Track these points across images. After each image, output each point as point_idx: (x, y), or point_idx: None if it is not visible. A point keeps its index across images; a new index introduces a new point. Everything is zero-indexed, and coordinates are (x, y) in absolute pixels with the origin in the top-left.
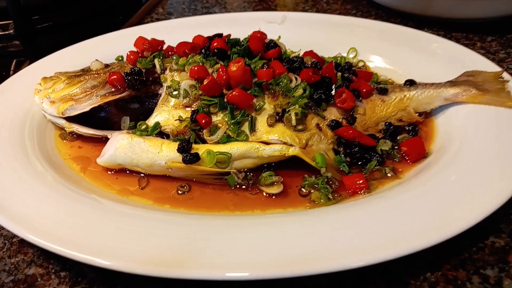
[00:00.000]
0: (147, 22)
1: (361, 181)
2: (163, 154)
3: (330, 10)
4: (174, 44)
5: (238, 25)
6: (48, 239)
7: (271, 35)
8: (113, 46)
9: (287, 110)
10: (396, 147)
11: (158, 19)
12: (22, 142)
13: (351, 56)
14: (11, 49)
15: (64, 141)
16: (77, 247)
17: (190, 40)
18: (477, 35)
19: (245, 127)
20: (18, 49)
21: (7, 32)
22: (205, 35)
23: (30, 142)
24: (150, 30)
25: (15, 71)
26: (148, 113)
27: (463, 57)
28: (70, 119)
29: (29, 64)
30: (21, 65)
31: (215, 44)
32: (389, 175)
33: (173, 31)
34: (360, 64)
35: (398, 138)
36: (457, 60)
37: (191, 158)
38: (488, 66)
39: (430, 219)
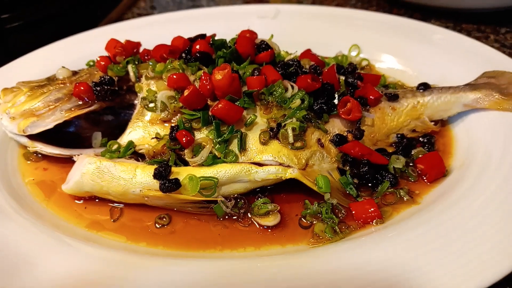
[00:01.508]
0: (128, 18)
1: (372, 209)
2: (137, 180)
3: (328, 1)
4: (151, 45)
5: (227, 20)
6: None
7: (263, 32)
8: (88, 47)
9: (282, 124)
10: (411, 164)
11: (139, 15)
12: None
13: (353, 54)
14: None
15: (28, 162)
16: None
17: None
18: (489, 26)
19: (234, 146)
20: None
21: None
22: (190, 33)
23: None
24: (129, 28)
25: None
26: (124, 125)
27: (480, 54)
28: (33, 137)
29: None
30: None
31: (198, 46)
32: (405, 199)
33: (155, 29)
34: (364, 63)
35: (413, 152)
36: (474, 58)
37: (170, 185)
38: (509, 64)
39: (458, 261)
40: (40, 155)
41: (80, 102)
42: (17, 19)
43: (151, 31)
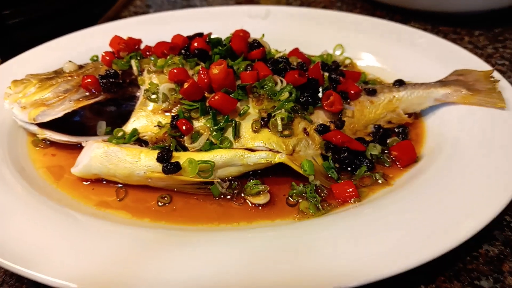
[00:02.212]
0: (125, 16)
1: (350, 189)
2: (141, 163)
3: (315, 2)
4: (152, 42)
5: (220, 20)
6: (18, 262)
7: (254, 31)
8: (89, 43)
9: (272, 114)
10: (386, 151)
11: (136, 13)
12: None
13: (337, 53)
14: None
15: (37, 148)
16: (48, 270)
17: (170, 37)
18: (464, 29)
19: (229, 133)
20: None
21: None
22: (185, 31)
23: (1, 150)
24: (127, 26)
25: None
26: (126, 115)
27: (452, 54)
28: (43, 125)
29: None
30: None
31: (196, 44)
32: (379, 181)
33: (152, 27)
34: (347, 61)
35: (388, 141)
36: (447, 57)
37: (171, 168)
38: (478, 64)
39: (423, 232)
40: (48, 142)
41: (87, 93)
42: (19, 15)
43: (148, 29)
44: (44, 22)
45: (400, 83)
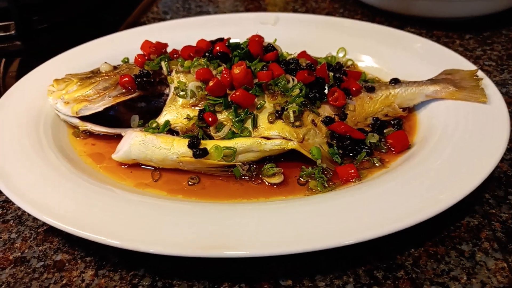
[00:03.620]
0: (144, 22)
1: (352, 171)
2: (174, 149)
3: (319, 8)
4: (174, 45)
5: (234, 26)
6: (76, 226)
7: (265, 36)
8: (115, 47)
9: (285, 108)
10: (383, 140)
11: (154, 19)
12: (39, 140)
13: (340, 55)
14: (12, 49)
15: (78, 138)
16: (102, 232)
17: (188, 40)
18: (456, 33)
19: (248, 124)
20: (19, 49)
21: (8, 33)
22: (202, 36)
23: (47, 140)
24: (148, 31)
25: (19, 70)
26: (154, 111)
27: (443, 56)
28: (84, 118)
29: (33, 64)
30: (25, 64)
31: (218, 48)
32: (377, 164)
33: (171, 32)
34: (349, 63)
35: (385, 131)
36: (438, 59)
37: (200, 153)
38: (465, 64)
39: (413, 202)
40: (88, 133)
41: (124, 91)
42: (46, 21)
43: (168, 34)
44: (67, 27)
45: (395, 82)
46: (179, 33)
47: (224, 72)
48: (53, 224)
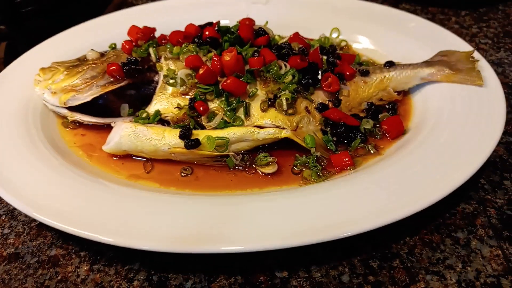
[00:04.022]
0: (131, 1)
1: (347, 159)
2: (166, 140)
3: None
4: (162, 28)
5: (224, 6)
6: (69, 223)
7: (256, 17)
8: (102, 31)
9: (278, 95)
10: (377, 125)
11: None
12: (29, 132)
13: (334, 36)
14: None
15: (67, 129)
16: (95, 229)
17: (178, 22)
18: (452, 9)
19: (240, 113)
20: (3, 33)
21: None
22: (192, 17)
23: (36, 131)
24: (136, 14)
25: (6, 56)
26: (144, 98)
27: (438, 36)
28: (72, 108)
29: (20, 48)
30: (12, 49)
31: (207, 32)
32: (372, 151)
33: (159, 14)
34: (343, 44)
35: (380, 116)
36: (433, 39)
37: (192, 143)
38: (461, 44)
39: (408, 192)
40: (77, 123)
41: (112, 79)
42: (31, 3)
43: (156, 16)
44: (54, 9)
45: (390, 64)
46: (167, 15)
47: (214, 59)
48: (44, 221)
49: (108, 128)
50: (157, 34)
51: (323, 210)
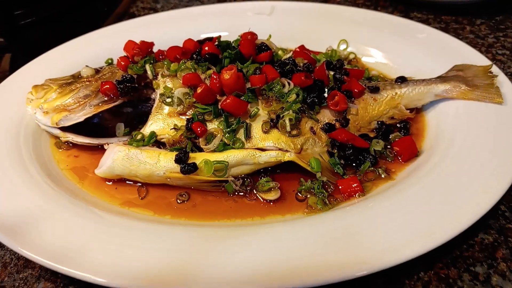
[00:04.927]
0: (133, 12)
1: (355, 185)
2: (161, 164)
3: None
4: (164, 40)
5: (227, 16)
6: (50, 258)
7: (260, 28)
8: (101, 44)
9: (281, 115)
10: (388, 147)
11: (144, 8)
12: (19, 154)
13: (342, 47)
14: None
15: (60, 150)
16: (78, 266)
17: (180, 35)
18: (466, 17)
19: (241, 134)
20: (2, 46)
21: None
22: (192, 29)
23: (28, 153)
24: (137, 26)
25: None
26: (142, 116)
27: (453, 48)
28: (65, 128)
29: (19, 62)
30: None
31: (206, 48)
32: (382, 176)
33: (161, 25)
34: (351, 56)
35: (391, 137)
36: (447, 51)
37: (189, 168)
38: (477, 57)
39: (423, 224)
40: (70, 144)
41: (106, 98)
42: (30, 15)
43: (157, 28)
44: (54, 20)
45: (402, 80)
46: (169, 26)
47: (213, 77)
48: (31, 258)
49: (102, 148)
50: (158, 47)
51: (330, 246)
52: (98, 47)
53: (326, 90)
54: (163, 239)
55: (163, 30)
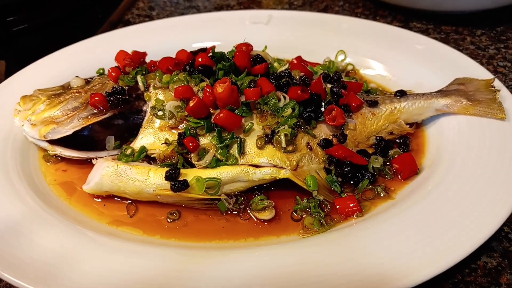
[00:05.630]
0: (128, 19)
1: (353, 204)
2: (150, 181)
3: (317, 1)
4: (159, 49)
5: (223, 25)
6: (31, 281)
7: (257, 37)
8: (95, 52)
9: (276, 131)
10: (387, 164)
11: (139, 15)
12: (5, 168)
13: (340, 59)
14: None
15: (48, 163)
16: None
17: (174, 44)
18: (466, 28)
19: (234, 150)
20: None
21: None
22: (187, 38)
23: (14, 168)
24: (131, 34)
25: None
26: (133, 128)
27: (453, 60)
28: (53, 141)
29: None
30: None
31: (200, 59)
32: (381, 195)
33: (156, 33)
34: (349, 67)
35: (390, 153)
36: (448, 64)
37: (179, 186)
38: (478, 70)
39: (425, 248)
40: (59, 157)
41: (96, 111)
42: (23, 22)
43: (151, 36)
44: (47, 27)
45: (401, 94)
46: (165, 35)
47: (206, 89)
48: (11, 281)
49: (91, 163)
50: (152, 55)
51: (326, 270)
52: (92, 55)
53: (323, 104)
54: (152, 262)
55: (157, 38)
